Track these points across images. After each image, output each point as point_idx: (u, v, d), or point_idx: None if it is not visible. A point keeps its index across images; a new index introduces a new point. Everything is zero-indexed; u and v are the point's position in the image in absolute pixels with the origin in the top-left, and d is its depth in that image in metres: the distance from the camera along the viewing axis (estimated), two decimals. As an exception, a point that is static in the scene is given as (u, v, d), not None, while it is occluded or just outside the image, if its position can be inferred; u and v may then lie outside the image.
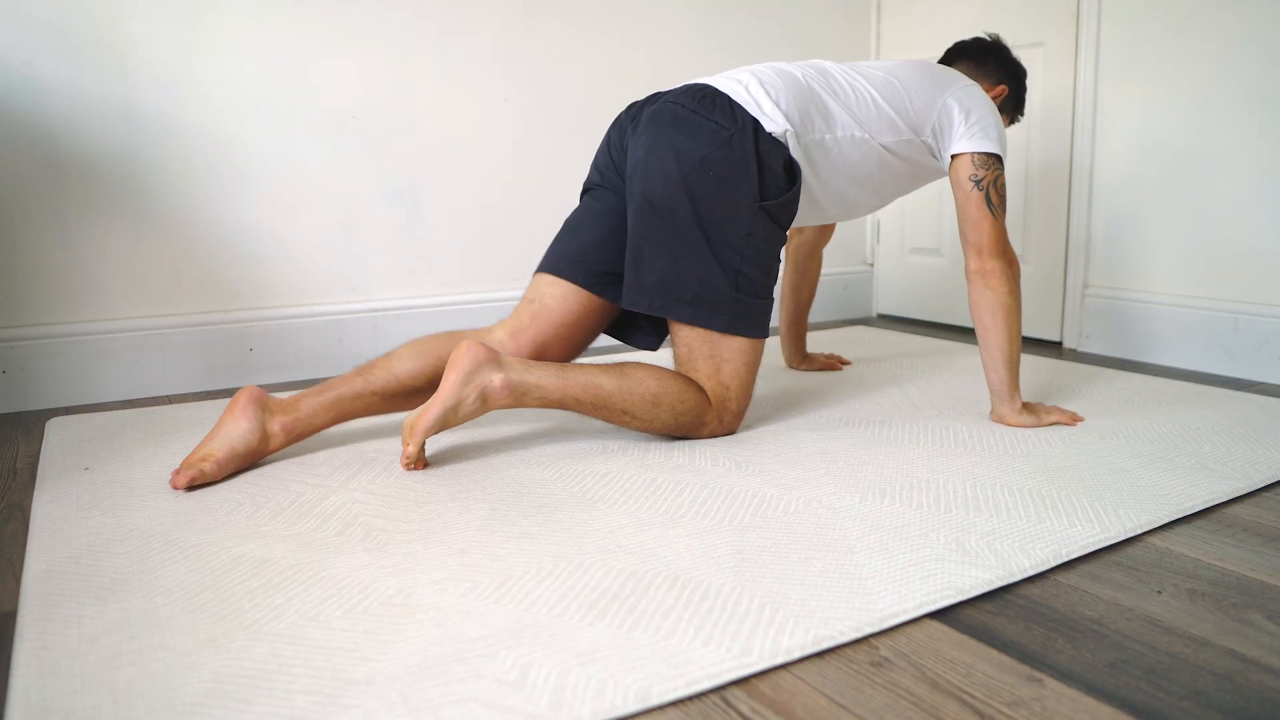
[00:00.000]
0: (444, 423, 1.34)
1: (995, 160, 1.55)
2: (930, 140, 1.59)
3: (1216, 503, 1.24)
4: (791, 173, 1.48)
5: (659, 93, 1.56)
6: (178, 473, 1.30)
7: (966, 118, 1.57)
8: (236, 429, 1.35)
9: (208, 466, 1.31)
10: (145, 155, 1.91)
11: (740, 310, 1.46)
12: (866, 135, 1.54)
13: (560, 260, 1.55)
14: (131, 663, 0.83)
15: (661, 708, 0.77)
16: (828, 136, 1.52)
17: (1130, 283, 2.22)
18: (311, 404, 1.41)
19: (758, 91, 1.48)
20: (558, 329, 1.52)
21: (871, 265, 2.95)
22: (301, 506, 1.22)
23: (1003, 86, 1.77)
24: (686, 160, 1.42)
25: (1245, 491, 1.27)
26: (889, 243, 2.89)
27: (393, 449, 1.47)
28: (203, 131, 1.96)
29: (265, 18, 1.99)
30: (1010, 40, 2.40)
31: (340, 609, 0.93)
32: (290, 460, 1.42)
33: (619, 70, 2.42)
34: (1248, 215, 1.98)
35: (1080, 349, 2.32)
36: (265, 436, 1.37)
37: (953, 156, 1.58)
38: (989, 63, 1.78)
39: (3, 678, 0.84)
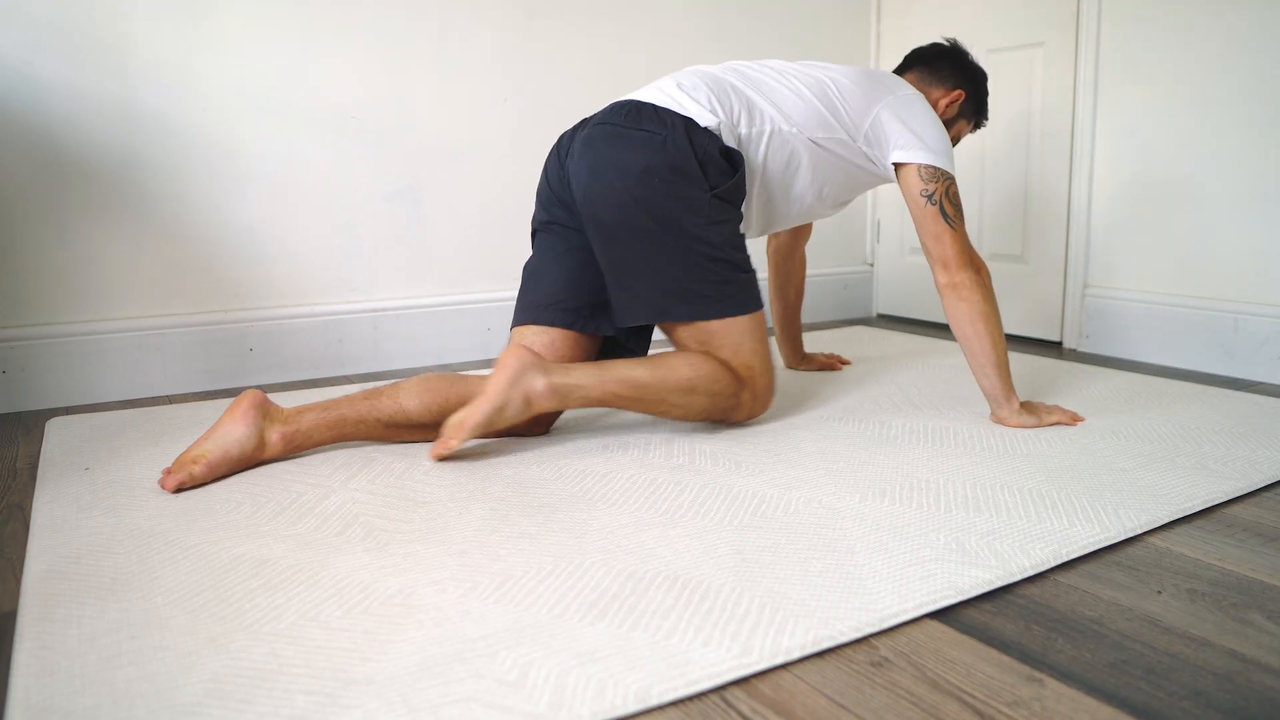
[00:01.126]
0: (490, 423, 1.37)
1: (941, 171, 1.54)
2: (864, 148, 1.58)
3: (1216, 503, 1.24)
4: (731, 159, 1.49)
5: (586, 119, 1.57)
6: (168, 473, 1.30)
7: (904, 128, 1.55)
8: (234, 432, 1.35)
9: (197, 470, 1.31)
10: (145, 155, 1.91)
11: (730, 292, 1.48)
12: (794, 129, 1.54)
13: (535, 310, 1.55)
14: (131, 663, 0.83)
15: (661, 708, 0.77)
16: (754, 130, 1.52)
17: (1130, 283, 2.22)
18: (314, 419, 1.41)
19: (677, 93, 1.50)
20: None
21: (871, 265, 2.96)
22: (301, 506, 1.22)
23: (959, 91, 1.75)
24: (630, 174, 1.43)
25: (1245, 491, 1.27)
26: (889, 243, 2.89)
27: (392, 449, 1.48)
28: (203, 131, 1.96)
29: (265, 18, 1.99)
30: (1010, 40, 2.41)
31: (340, 609, 0.93)
32: (290, 460, 1.42)
33: (619, 70, 2.42)
34: (1248, 215, 1.98)
35: (1080, 349, 2.32)
36: (262, 444, 1.37)
37: (896, 167, 1.57)
38: (943, 68, 1.76)
39: (3, 678, 0.84)
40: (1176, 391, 1.82)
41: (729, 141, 1.49)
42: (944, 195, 1.53)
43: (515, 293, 2.31)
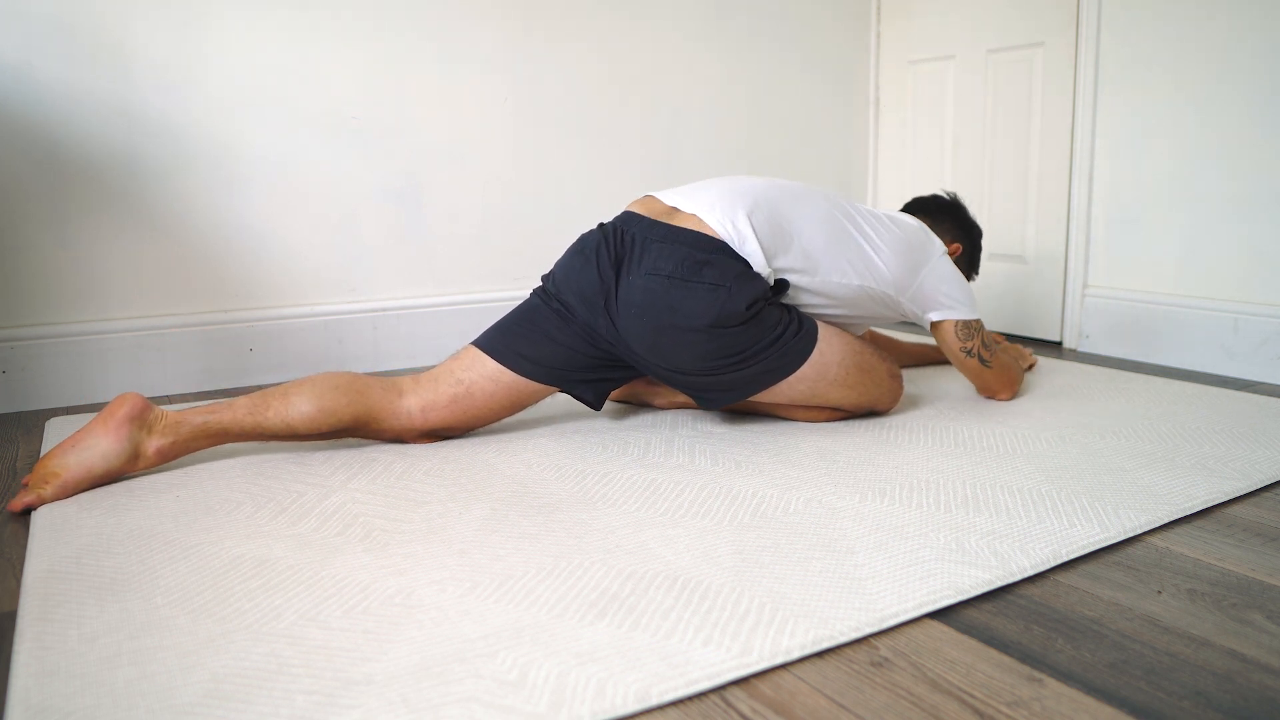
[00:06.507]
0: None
1: (974, 324, 1.67)
2: (907, 304, 1.64)
3: (1216, 503, 1.24)
4: (780, 284, 1.53)
5: (635, 223, 1.51)
6: (25, 486, 1.27)
7: (939, 291, 1.64)
8: (100, 446, 1.28)
9: (48, 492, 1.24)
10: (145, 155, 1.91)
11: (795, 344, 1.50)
12: (837, 282, 1.58)
13: (510, 355, 1.49)
14: (131, 663, 0.83)
15: (661, 708, 0.77)
16: (803, 279, 1.54)
17: (1130, 283, 2.22)
18: (193, 430, 1.35)
19: (746, 229, 1.47)
20: (471, 419, 1.51)
21: (871, 265, 2.95)
22: (301, 506, 1.22)
23: (957, 245, 1.82)
24: (697, 329, 1.43)
25: (1245, 491, 1.27)
26: (889, 243, 2.88)
27: (393, 449, 1.48)
28: (203, 131, 1.96)
29: (266, 17, 1.99)
30: (1010, 40, 2.41)
31: (340, 609, 0.93)
32: (290, 460, 1.42)
33: (619, 70, 2.42)
34: (1248, 215, 1.98)
35: (1080, 349, 2.32)
36: (135, 457, 1.31)
37: (934, 324, 1.67)
38: (944, 221, 1.84)
39: (3, 678, 0.84)
40: (1176, 391, 1.82)
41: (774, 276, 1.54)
42: (980, 346, 1.69)
43: (515, 293, 2.31)
